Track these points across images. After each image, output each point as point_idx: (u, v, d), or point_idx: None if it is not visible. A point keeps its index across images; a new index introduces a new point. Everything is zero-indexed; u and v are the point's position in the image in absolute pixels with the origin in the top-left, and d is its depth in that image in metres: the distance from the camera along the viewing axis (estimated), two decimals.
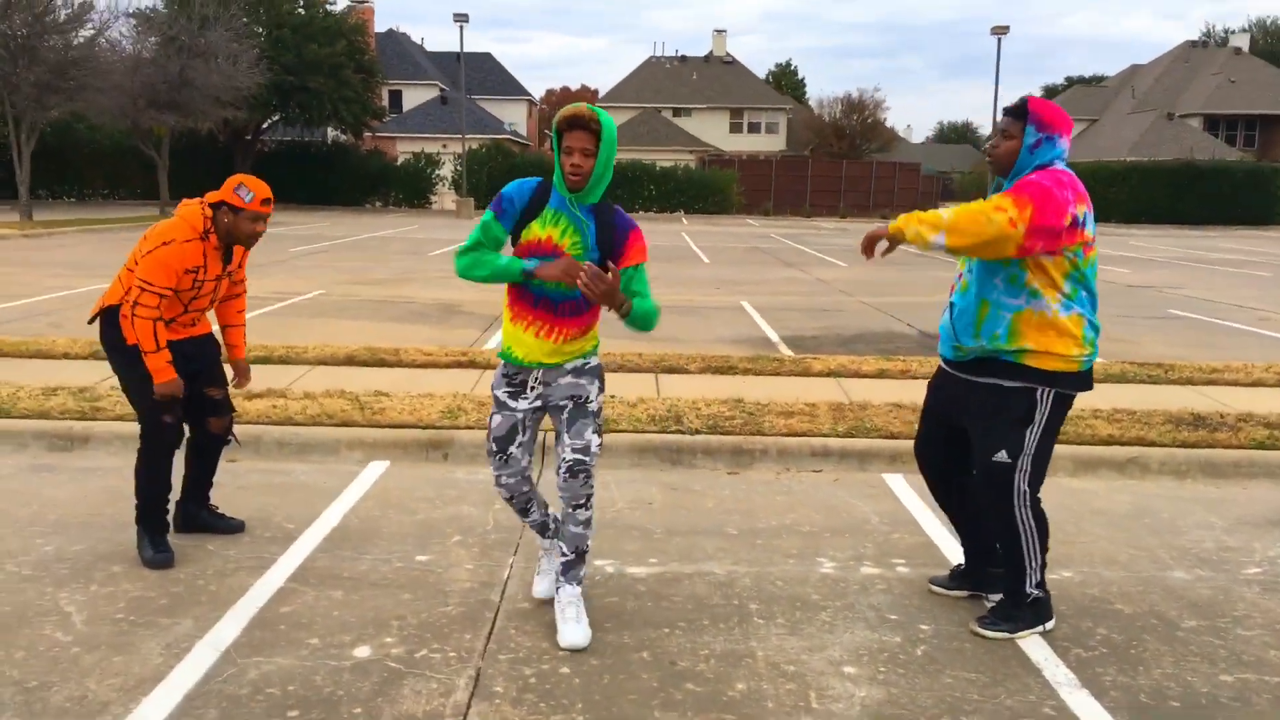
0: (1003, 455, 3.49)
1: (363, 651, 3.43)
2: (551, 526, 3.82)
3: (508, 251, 3.51)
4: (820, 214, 46.55)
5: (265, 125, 42.28)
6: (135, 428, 5.55)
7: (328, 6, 42.10)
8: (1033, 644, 3.58)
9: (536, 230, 3.39)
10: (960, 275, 3.60)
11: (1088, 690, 3.26)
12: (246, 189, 3.98)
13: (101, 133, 37.00)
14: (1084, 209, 3.35)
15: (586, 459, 3.49)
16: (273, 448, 5.65)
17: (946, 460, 3.83)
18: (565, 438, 3.51)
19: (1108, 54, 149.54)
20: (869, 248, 3.50)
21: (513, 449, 3.57)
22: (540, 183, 3.44)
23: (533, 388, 3.53)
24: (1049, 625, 3.66)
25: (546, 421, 4.50)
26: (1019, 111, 3.44)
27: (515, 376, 3.54)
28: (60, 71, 24.50)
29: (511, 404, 3.54)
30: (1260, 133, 56.21)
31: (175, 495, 4.41)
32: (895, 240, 3.37)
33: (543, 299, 3.42)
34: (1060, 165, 3.44)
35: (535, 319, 3.45)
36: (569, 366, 3.52)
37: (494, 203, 3.43)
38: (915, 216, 3.34)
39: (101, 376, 6.96)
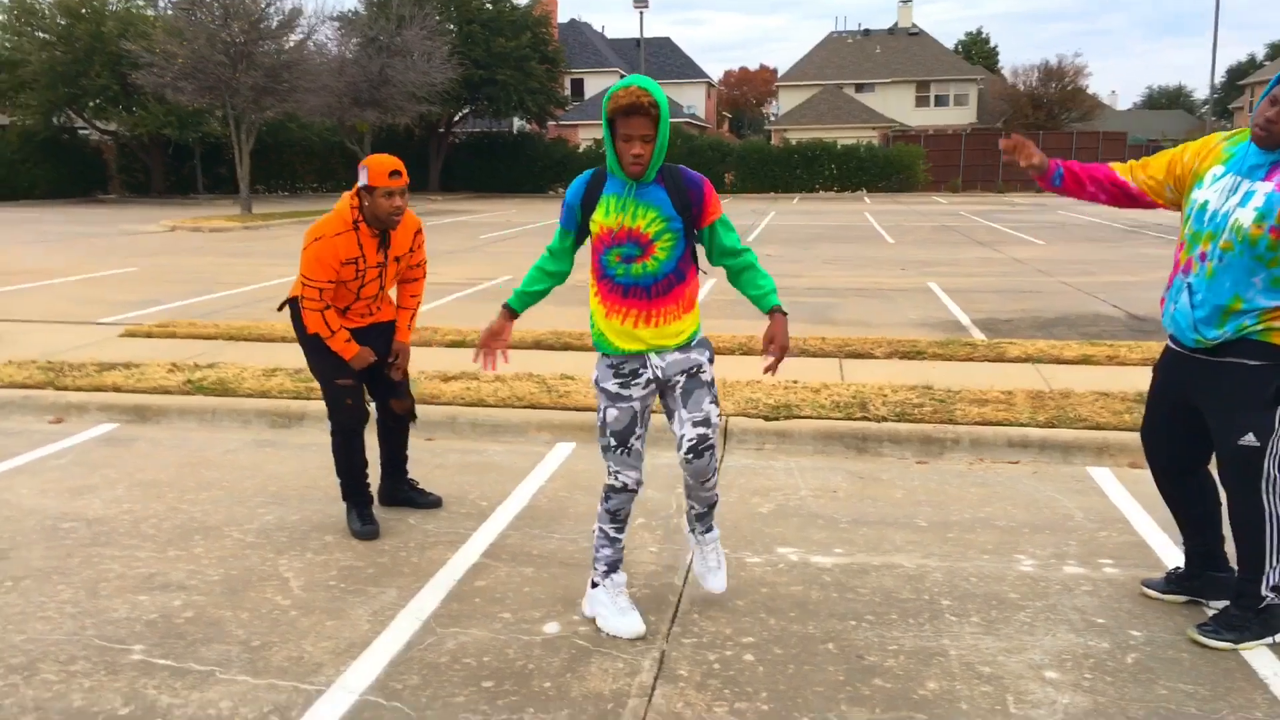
0: (1250, 439, 3.18)
1: (552, 628, 3.53)
2: (620, 563, 3.60)
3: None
4: (1014, 189, 44.23)
5: (457, 118, 44.19)
6: None
7: (514, 1, 43.49)
8: (1260, 655, 3.27)
9: (603, 221, 3.29)
10: (1200, 255, 3.25)
11: None
12: (364, 169, 4.05)
13: (311, 130, 39.73)
14: None
15: (709, 430, 3.36)
16: (467, 428, 5.90)
17: (1178, 448, 3.52)
18: (683, 413, 3.36)
19: None
20: None
21: (633, 441, 3.42)
22: (594, 174, 3.36)
23: (641, 372, 3.39)
24: (1279, 637, 3.33)
25: None
26: None
27: (623, 366, 3.40)
28: (274, 75, 26.45)
29: (625, 393, 3.39)
30: None
31: (378, 472, 4.69)
32: None
33: (632, 286, 3.32)
34: None
35: (628, 308, 3.34)
36: (674, 346, 3.39)
37: (562, 215, 3.45)
38: None
39: None
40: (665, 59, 63.96)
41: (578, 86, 57.12)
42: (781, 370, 6.88)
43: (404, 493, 4.70)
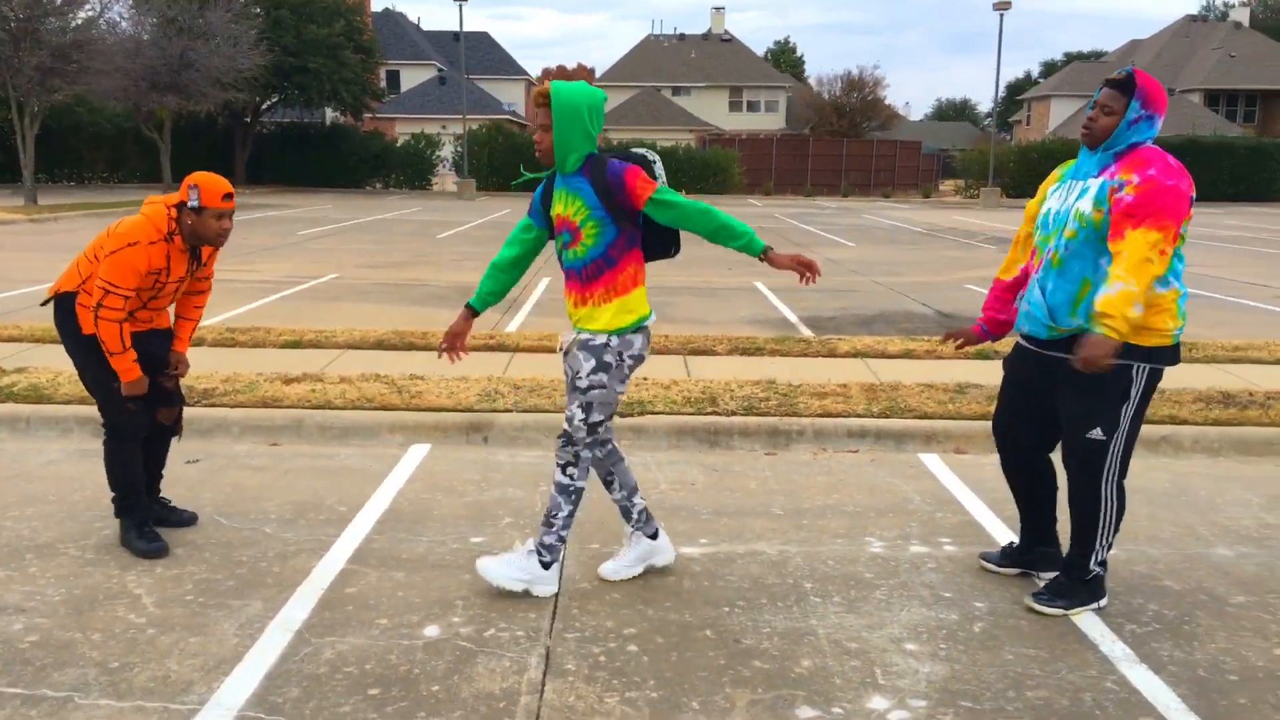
0: (1098, 433, 3.51)
1: (432, 631, 3.49)
2: (634, 514, 3.93)
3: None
4: (821, 193, 46.48)
5: (265, 107, 42.11)
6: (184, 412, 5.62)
7: None
8: (1088, 620, 3.64)
9: (556, 209, 3.61)
10: (1049, 252, 3.54)
11: (1146, 664, 3.33)
12: (196, 191, 3.86)
13: (103, 115, 36.87)
14: (1193, 190, 3.37)
15: (567, 427, 3.70)
16: (314, 432, 5.70)
17: (1027, 439, 3.84)
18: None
19: (1109, 28, 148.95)
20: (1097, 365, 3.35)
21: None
22: (549, 176, 3.68)
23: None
24: (1103, 603, 3.72)
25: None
26: (1125, 86, 3.39)
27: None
28: (62, 55, 24.38)
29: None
30: (1261, 108, 56.15)
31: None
32: (1111, 346, 3.30)
33: (569, 269, 3.66)
34: (1150, 146, 3.43)
35: (569, 289, 3.69)
36: (581, 335, 3.64)
37: (530, 215, 3.77)
38: (1112, 318, 3.25)
39: None
40: (484, 54, 63.22)
41: (394, 78, 55.59)
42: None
43: (156, 510, 4.32)
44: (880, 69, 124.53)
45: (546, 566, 3.78)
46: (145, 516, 4.13)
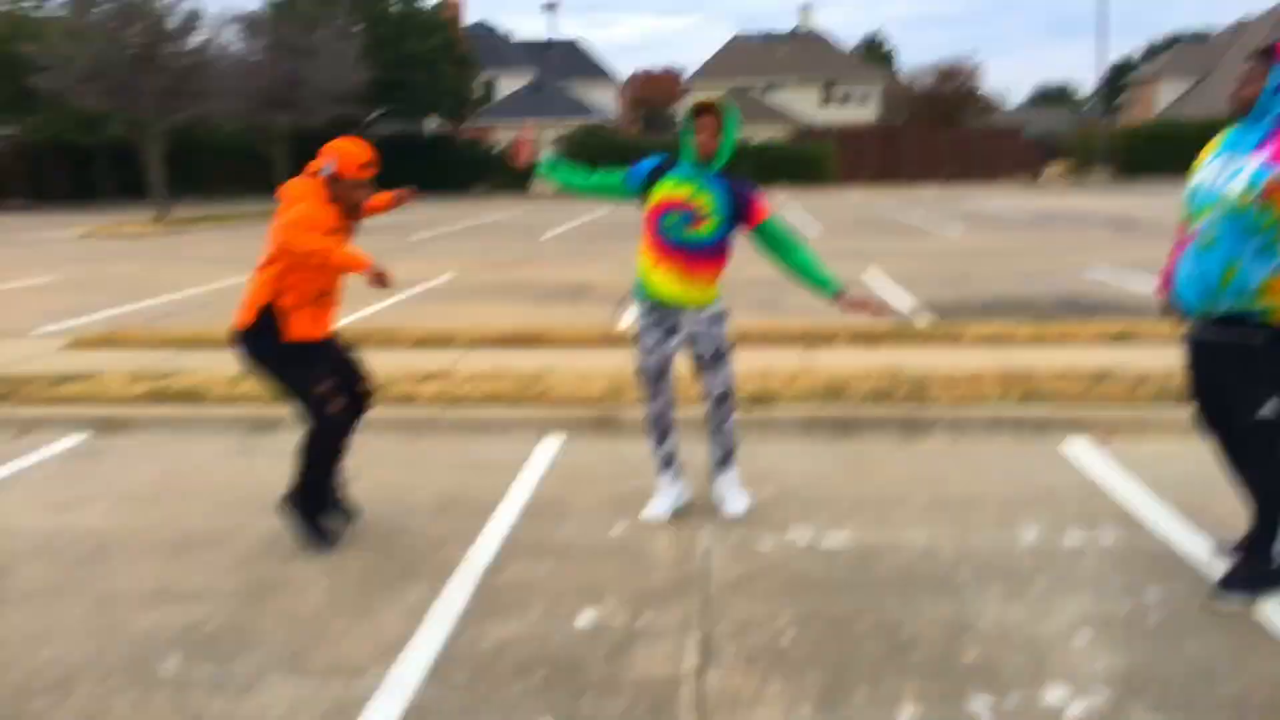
0: (1269, 409, 3.37)
1: (587, 617, 3.52)
2: (676, 463, 4.52)
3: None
4: (921, 182, 45.48)
5: (372, 118, 43.38)
6: None
7: (419, 3, 42.84)
8: (1275, 609, 3.46)
9: (668, 188, 4.18)
10: (1199, 231, 3.43)
11: None
12: (333, 161, 3.90)
13: (222, 133, 38.47)
14: None
15: (727, 388, 4.40)
16: (449, 428, 5.83)
17: (1216, 416, 3.67)
18: (708, 376, 4.35)
19: (1216, 7, 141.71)
20: None
21: (665, 380, 4.37)
22: (667, 157, 4.30)
23: (676, 331, 4.29)
24: None
25: None
26: (1266, 54, 3.32)
27: (663, 320, 4.29)
28: (181, 78, 25.56)
29: (663, 345, 4.30)
30: None
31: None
32: None
33: (681, 244, 4.18)
34: None
35: (672, 262, 4.22)
36: (705, 313, 4.29)
37: (624, 175, 4.34)
38: None
39: None
40: (574, 61, 63.88)
41: (489, 88, 56.61)
42: (750, 358, 6.99)
43: (336, 497, 4.37)
44: (977, 56, 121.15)
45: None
46: (321, 511, 4.20)
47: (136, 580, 3.88)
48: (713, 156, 4.16)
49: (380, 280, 3.84)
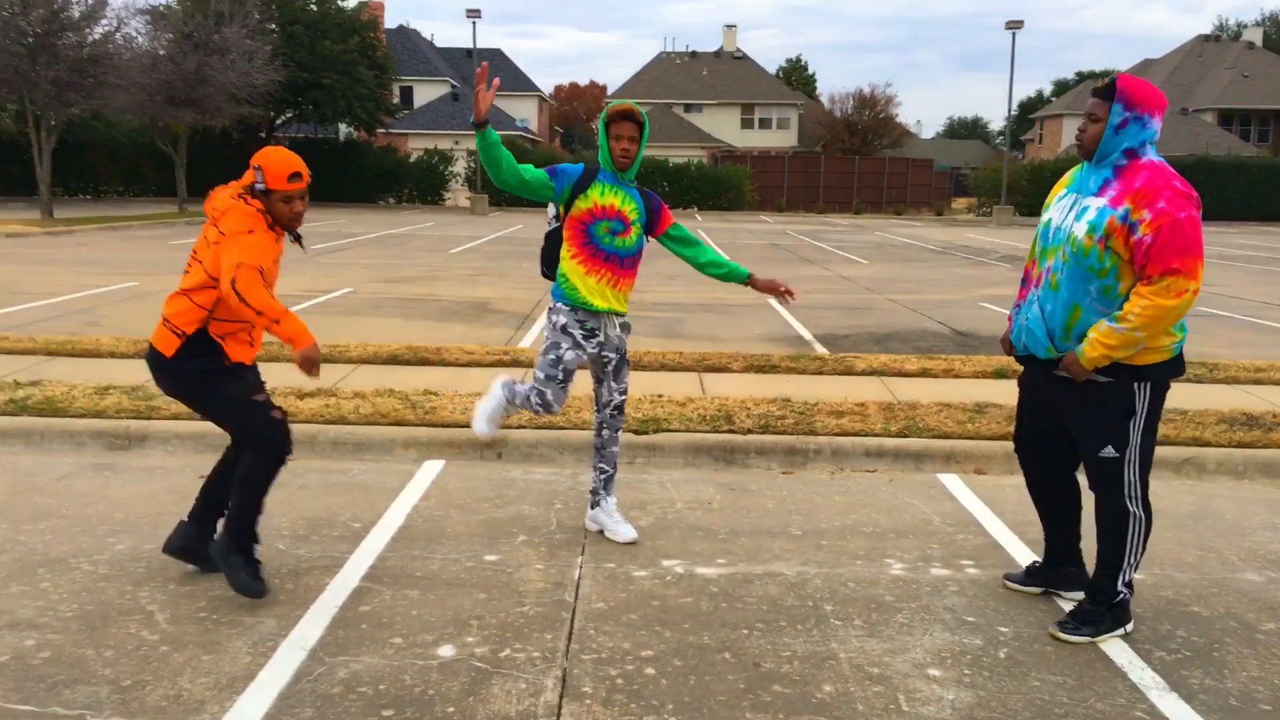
0: (1109, 450, 3.47)
1: (447, 651, 3.44)
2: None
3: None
4: (834, 210, 46.47)
5: (280, 122, 42.33)
6: (193, 425, 5.61)
7: (340, 3, 42.09)
8: (1114, 647, 3.57)
9: (596, 197, 4.18)
10: (1047, 269, 3.53)
11: (1176, 693, 3.26)
12: (261, 172, 3.58)
13: (118, 130, 37.09)
14: (1200, 208, 3.33)
15: (626, 397, 4.50)
16: (328, 447, 5.67)
17: (1048, 457, 3.81)
18: (612, 383, 4.42)
19: (1122, 48, 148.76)
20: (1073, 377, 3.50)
21: (571, 379, 4.36)
22: (585, 166, 4.25)
23: (597, 332, 4.30)
24: (1129, 628, 3.65)
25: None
26: (1107, 91, 3.36)
27: (587, 321, 4.29)
28: (79, 69, 24.55)
29: (584, 344, 4.30)
30: (1275, 128, 55.98)
31: (180, 516, 4.09)
32: (1081, 371, 3.44)
33: (613, 254, 4.24)
34: (1152, 153, 3.36)
35: (605, 271, 4.26)
36: (621, 320, 4.37)
37: (551, 170, 4.22)
38: (1104, 349, 3.34)
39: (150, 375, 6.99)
40: (497, 71, 63.41)
41: (407, 94, 55.89)
42: (645, 383, 6.99)
43: (205, 545, 3.95)
44: (892, 87, 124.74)
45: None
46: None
47: None
48: (631, 163, 4.21)
49: (309, 368, 3.50)
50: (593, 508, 4.60)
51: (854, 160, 50.39)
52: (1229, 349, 9.60)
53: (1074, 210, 3.46)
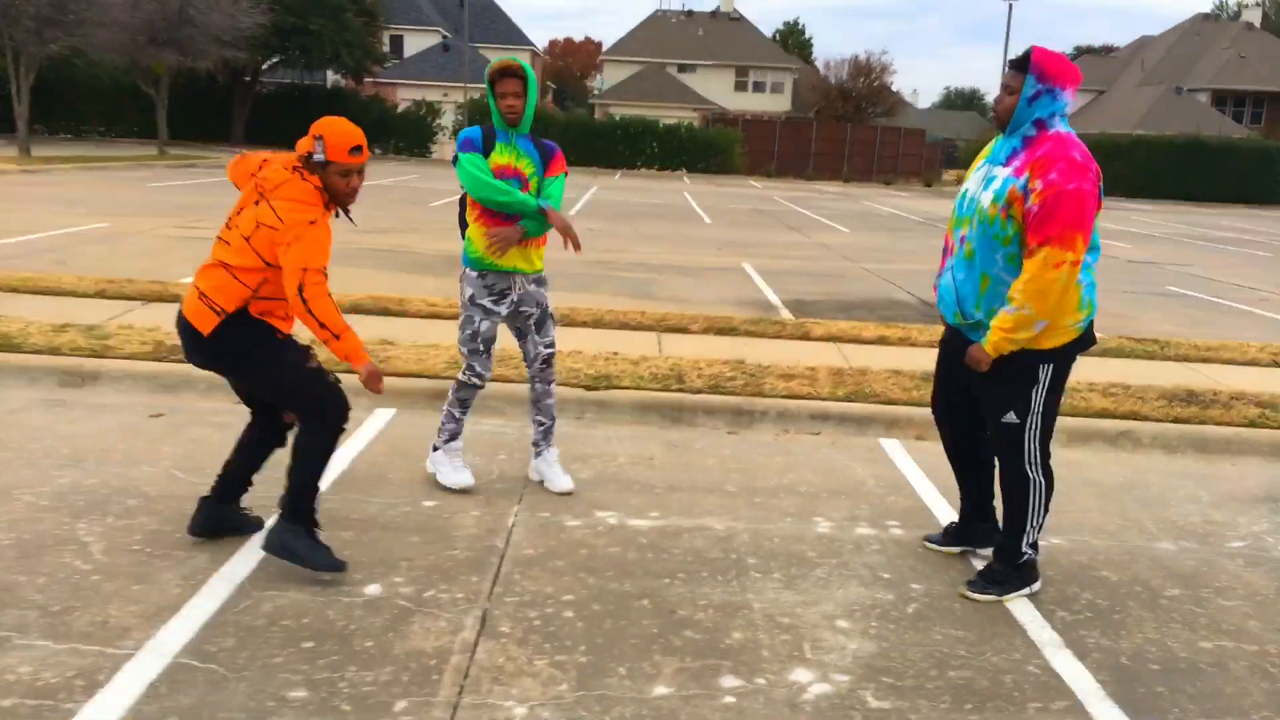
0: (1011, 416, 3.58)
1: (373, 589, 3.54)
2: (459, 434, 4.61)
3: None
4: (823, 177, 46.36)
5: (265, 67, 41.79)
6: (147, 366, 5.66)
7: None
8: (1020, 606, 3.70)
9: (497, 159, 4.25)
10: (962, 239, 3.62)
11: (1071, 651, 3.40)
12: (320, 140, 3.42)
13: (100, 69, 36.54)
14: (1100, 178, 3.40)
15: (553, 350, 4.54)
16: None
17: (961, 416, 3.92)
18: (535, 337, 4.47)
19: (1122, 23, 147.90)
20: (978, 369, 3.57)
21: (493, 347, 4.45)
22: (483, 130, 4.31)
23: (508, 293, 4.37)
24: (1035, 588, 3.78)
25: None
26: (1021, 63, 3.41)
27: (495, 285, 4.36)
28: (59, 5, 24.16)
29: (496, 309, 4.37)
30: (1268, 110, 55.97)
31: (201, 492, 3.99)
32: (985, 360, 3.51)
33: (513, 215, 4.27)
34: (1061, 125, 3.41)
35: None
36: (533, 276, 4.42)
37: (466, 145, 4.25)
38: (1003, 334, 3.41)
39: (109, 315, 7.03)
40: (489, 22, 62.77)
41: (397, 43, 55.18)
42: (603, 341, 7.07)
43: (235, 516, 3.92)
44: (889, 54, 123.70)
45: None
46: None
47: None
48: (519, 118, 4.24)
49: (375, 384, 3.51)
50: (535, 458, 4.69)
51: (846, 128, 50.19)
52: (1189, 328, 9.74)
53: (984, 180, 3.54)
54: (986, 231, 3.45)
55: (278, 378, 3.58)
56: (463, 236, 4.51)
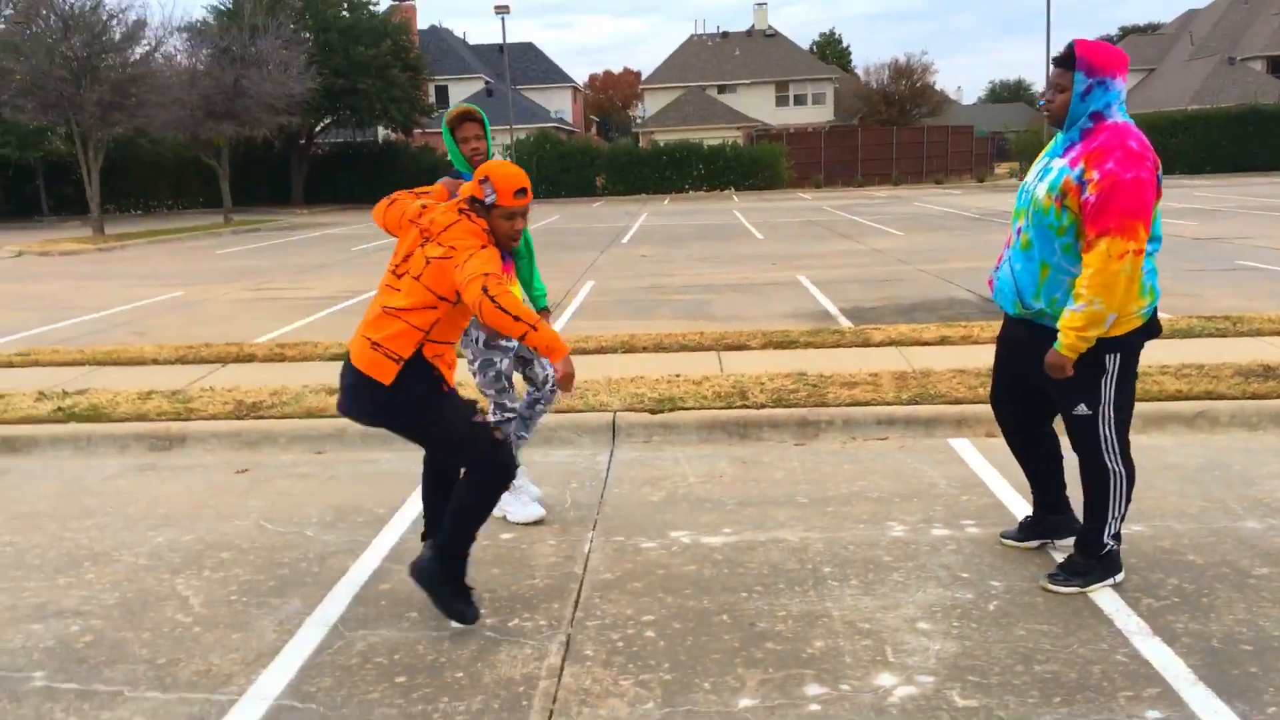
0: (1083, 408, 3.55)
1: (459, 624, 3.64)
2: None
3: None
4: (873, 183, 46.03)
5: (319, 128, 43.10)
6: (229, 425, 5.90)
7: (371, 7, 42.68)
8: (1104, 596, 3.66)
9: None
10: (1019, 230, 3.62)
11: (1160, 637, 3.35)
12: (488, 184, 3.44)
13: (163, 146, 38.06)
14: (1158, 167, 3.38)
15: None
16: (357, 439, 5.91)
17: (1022, 411, 3.91)
18: (538, 365, 4.55)
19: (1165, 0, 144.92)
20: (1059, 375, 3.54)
21: (513, 380, 4.50)
22: (455, 178, 4.17)
23: None
24: (1119, 578, 3.73)
25: None
26: (1067, 60, 3.41)
27: None
28: (121, 90, 25.28)
29: (508, 344, 4.41)
30: None
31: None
32: (1066, 362, 3.48)
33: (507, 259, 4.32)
34: (1118, 114, 3.39)
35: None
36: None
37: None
38: (1076, 334, 3.39)
39: (191, 379, 7.33)
40: (530, 64, 63.90)
41: (442, 93, 56.48)
42: (665, 364, 7.16)
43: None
44: (929, 55, 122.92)
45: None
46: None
47: (15, 597, 3.94)
48: (485, 160, 4.27)
49: (567, 384, 3.43)
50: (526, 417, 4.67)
51: (891, 131, 49.81)
52: (1258, 301, 9.48)
53: (1040, 172, 3.55)
54: (1041, 221, 3.46)
55: (450, 428, 3.52)
56: None
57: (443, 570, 3.60)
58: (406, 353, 3.41)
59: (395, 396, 3.43)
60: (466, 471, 3.57)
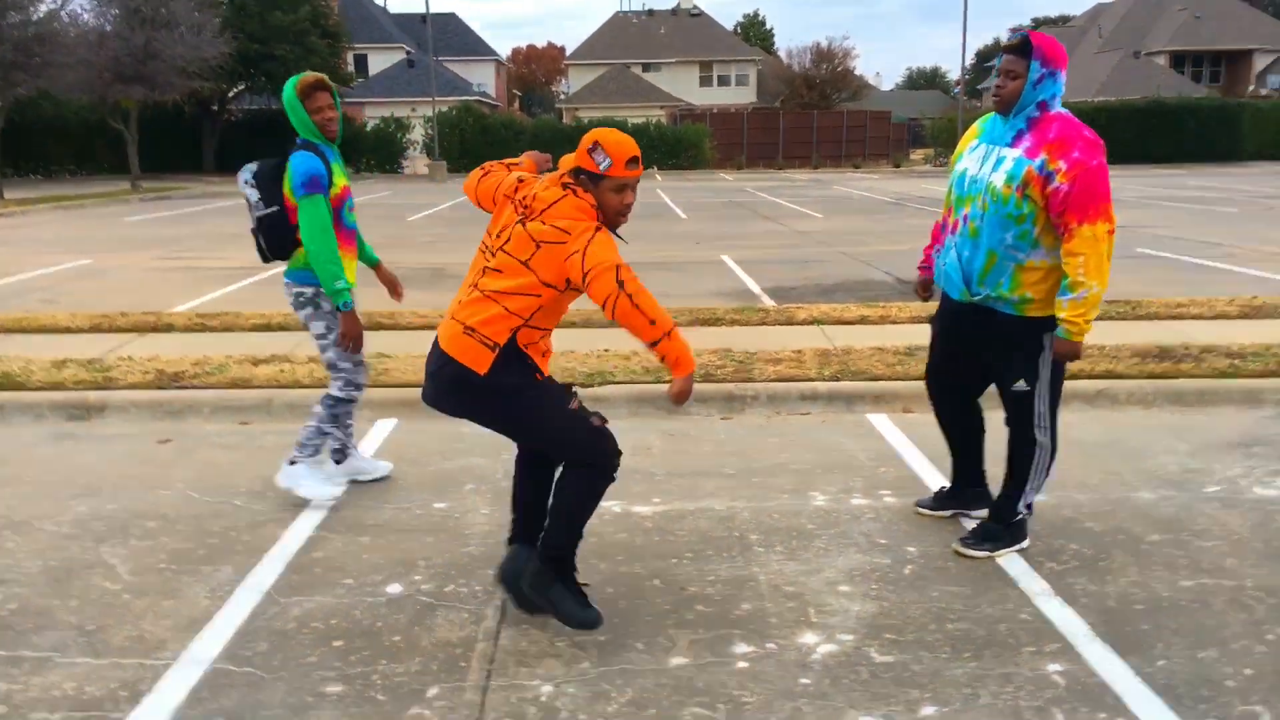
0: (1021, 384, 3.77)
1: (395, 588, 3.70)
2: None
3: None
4: (793, 166, 46.61)
5: (231, 95, 41.74)
6: (150, 395, 5.79)
7: None
8: (1011, 561, 3.89)
9: (337, 183, 4.28)
10: (964, 217, 3.75)
11: (1061, 598, 3.59)
12: (602, 151, 3.11)
13: (68, 108, 36.43)
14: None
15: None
16: (284, 410, 5.87)
17: (956, 385, 4.11)
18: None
19: None
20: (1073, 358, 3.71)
21: None
22: (316, 155, 4.20)
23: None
24: (1025, 545, 3.97)
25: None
26: (1023, 48, 3.56)
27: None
28: (24, 49, 24.12)
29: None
30: (1226, 68, 56.66)
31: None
32: (1080, 346, 3.64)
33: (352, 229, 4.47)
34: (1059, 105, 3.59)
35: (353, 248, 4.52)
36: None
37: (317, 185, 4.18)
38: (1077, 317, 3.54)
39: (107, 348, 7.14)
40: (452, 35, 62.79)
41: (361, 62, 55.16)
42: (594, 339, 7.24)
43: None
44: (850, 40, 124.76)
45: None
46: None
47: None
48: (337, 131, 4.28)
49: (681, 400, 3.20)
50: (342, 461, 4.75)
51: (812, 115, 50.48)
52: (1158, 287, 9.98)
53: (989, 161, 3.69)
54: (999, 211, 3.60)
55: (545, 420, 3.25)
56: (271, 259, 4.60)
57: (551, 570, 3.34)
58: (502, 339, 3.15)
59: (488, 385, 3.16)
60: (565, 465, 3.32)
